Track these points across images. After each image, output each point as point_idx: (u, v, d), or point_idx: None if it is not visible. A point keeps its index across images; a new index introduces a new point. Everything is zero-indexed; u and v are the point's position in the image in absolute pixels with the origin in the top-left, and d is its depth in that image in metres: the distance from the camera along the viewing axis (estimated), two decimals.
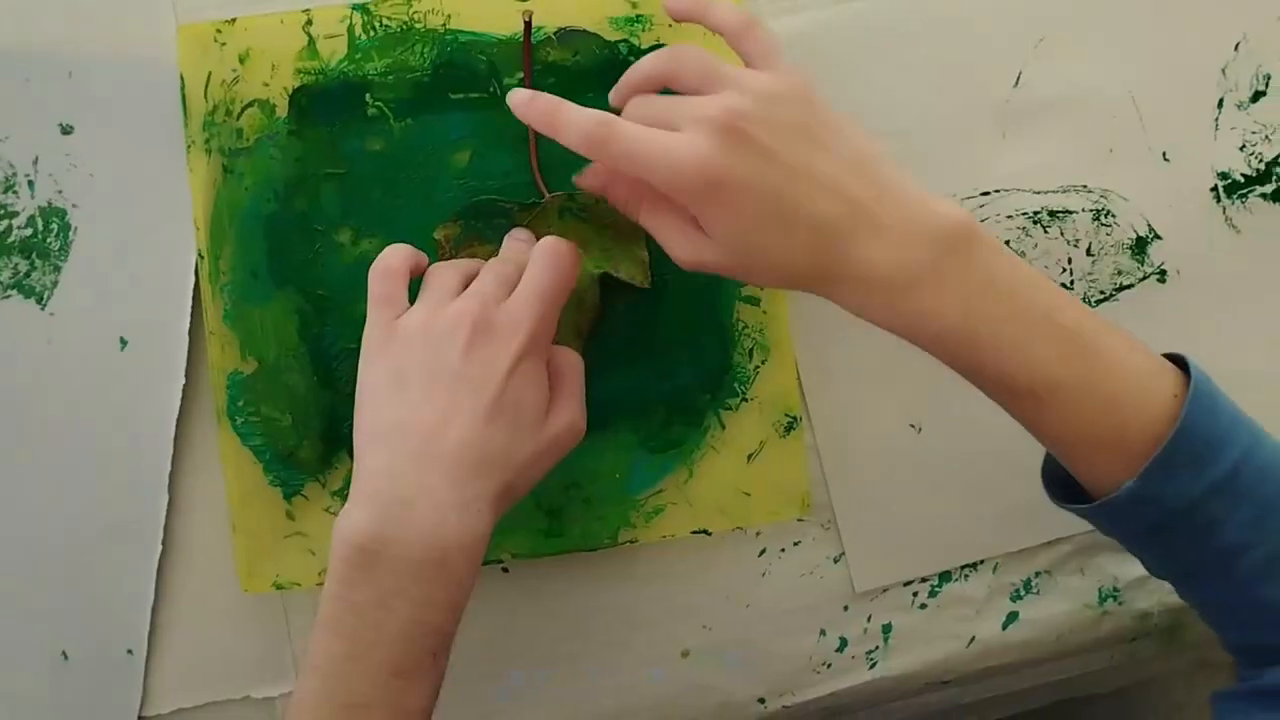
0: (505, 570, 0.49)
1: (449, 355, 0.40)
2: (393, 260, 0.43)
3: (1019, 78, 0.51)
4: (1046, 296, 0.38)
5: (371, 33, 0.48)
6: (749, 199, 0.38)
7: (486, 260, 0.46)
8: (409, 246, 0.44)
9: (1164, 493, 0.37)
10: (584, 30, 0.49)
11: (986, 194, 0.51)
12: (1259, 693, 0.38)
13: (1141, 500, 0.37)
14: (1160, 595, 0.50)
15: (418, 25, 0.48)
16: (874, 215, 0.39)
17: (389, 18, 0.48)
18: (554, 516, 0.48)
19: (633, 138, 0.39)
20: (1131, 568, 0.50)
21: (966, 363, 0.39)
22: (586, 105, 0.48)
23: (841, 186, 0.39)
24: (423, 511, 0.38)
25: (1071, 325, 0.38)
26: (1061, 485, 0.42)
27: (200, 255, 0.47)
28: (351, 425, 0.48)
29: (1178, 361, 0.39)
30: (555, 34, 0.49)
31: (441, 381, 0.40)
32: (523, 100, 0.41)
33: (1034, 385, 0.38)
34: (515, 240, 0.46)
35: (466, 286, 0.43)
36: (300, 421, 0.48)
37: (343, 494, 0.47)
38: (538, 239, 0.44)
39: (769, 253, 0.39)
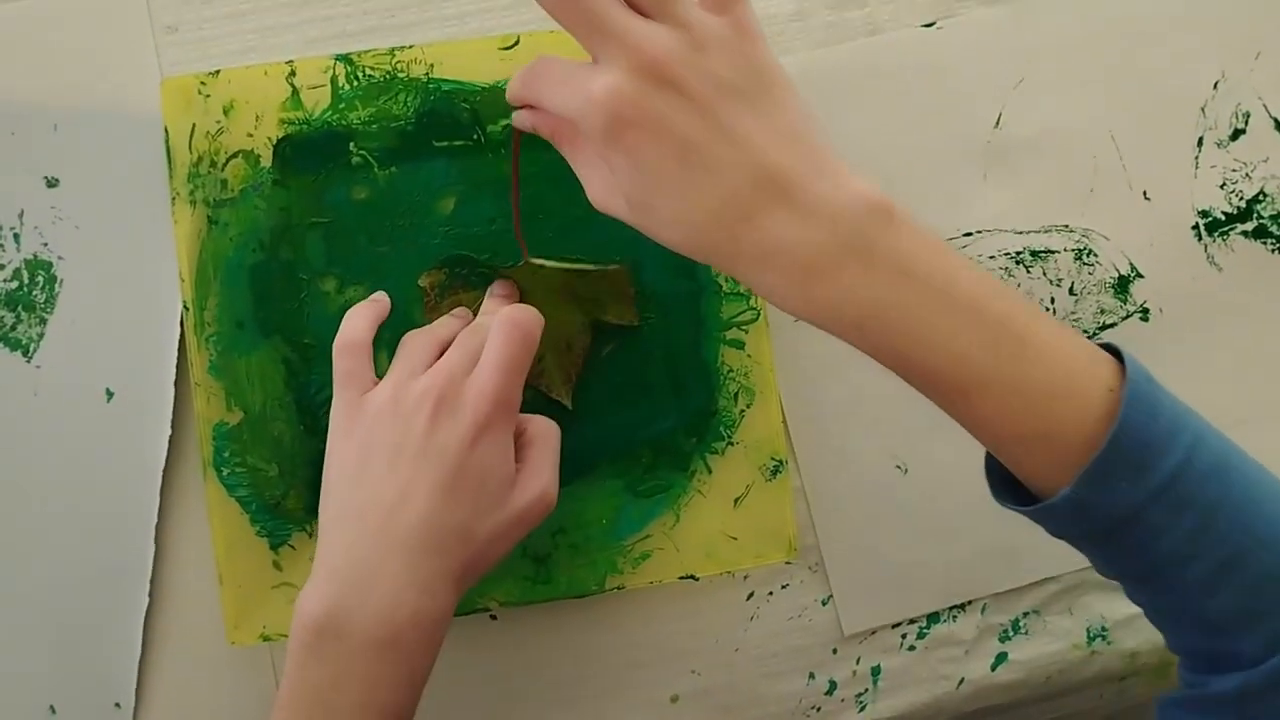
0: (493, 618, 0.49)
1: (413, 431, 0.41)
2: (353, 333, 0.44)
3: (999, 118, 0.52)
4: (972, 284, 0.36)
5: (355, 83, 0.49)
6: (655, 144, 0.36)
7: (470, 308, 0.47)
8: (368, 304, 0.46)
9: (1102, 500, 0.35)
10: None
11: (969, 235, 0.51)
12: (1203, 699, 0.37)
13: (1079, 507, 0.36)
14: (1148, 634, 0.51)
15: (400, 75, 0.49)
16: (792, 189, 0.36)
17: (372, 68, 0.49)
18: (541, 563, 0.48)
19: (551, 69, 0.39)
20: (1119, 606, 0.51)
21: (890, 355, 0.37)
22: None
23: (762, 154, 0.36)
24: (379, 592, 0.39)
25: (999, 314, 0.36)
26: (1006, 484, 0.39)
27: (185, 306, 0.47)
28: None
29: (1114, 351, 0.38)
30: None
31: (404, 457, 0.40)
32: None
33: (960, 379, 0.36)
34: (493, 299, 0.47)
35: (439, 356, 0.43)
36: (287, 471, 0.48)
37: None
38: (520, 290, 0.44)
39: (668, 207, 0.37)
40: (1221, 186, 0.52)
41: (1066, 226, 0.52)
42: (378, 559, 0.39)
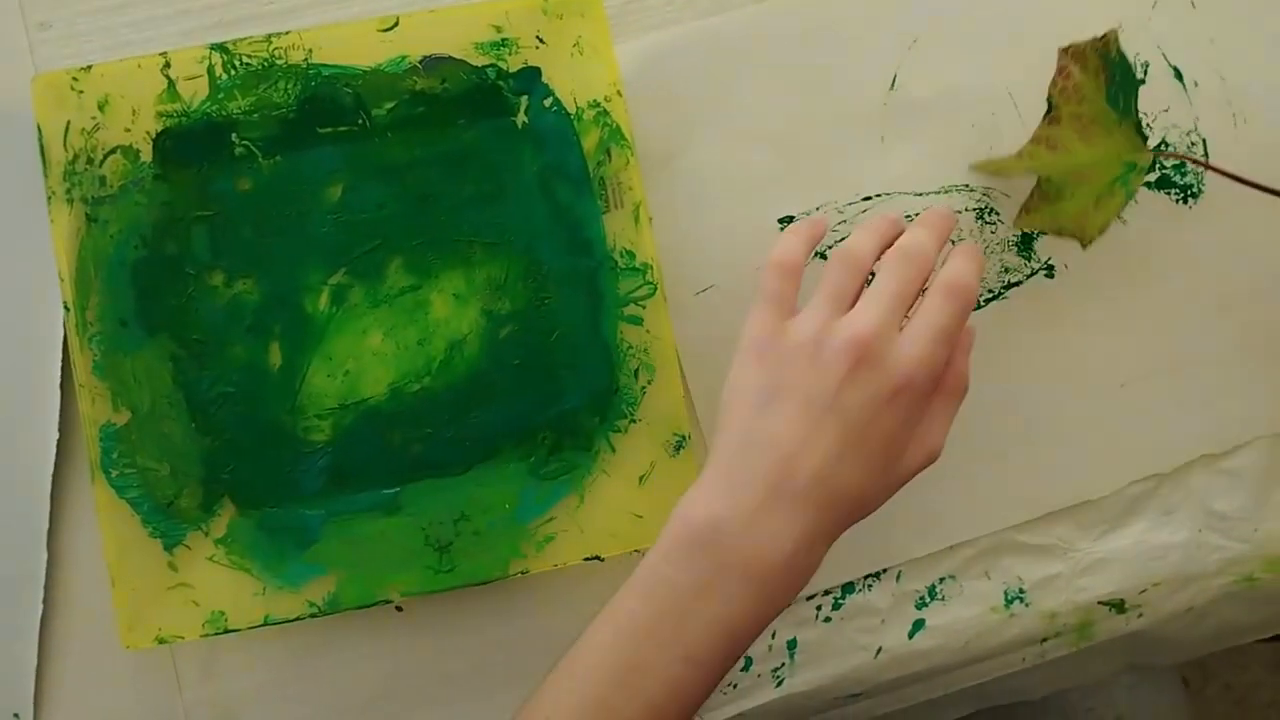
0: (399, 609, 0.49)
1: (828, 381, 0.41)
2: (789, 254, 0.44)
3: (895, 80, 0.52)
4: None
5: (232, 72, 0.48)
6: None
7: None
8: (807, 224, 0.45)
9: None
10: (450, 57, 0.50)
11: (868, 199, 0.51)
12: None
13: None
14: (1068, 594, 0.51)
15: (279, 61, 0.48)
16: None
17: (249, 56, 0.48)
18: (444, 552, 0.48)
19: None
20: (1037, 567, 0.52)
21: None
22: (458, 130, 0.50)
23: None
24: (761, 529, 0.40)
25: None
26: None
27: (66, 307, 0.47)
28: (233, 471, 0.49)
29: None
30: (420, 62, 0.49)
31: (814, 407, 0.41)
32: None
33: None
34: (927, 222, 0.45)
35: (862, 285, 0.43)
36: (179, 470, 0.48)
37: (226, 541, 0.48)
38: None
39: None
40: None
41: (967, 186, 0.52)
42: (769, 499, 0.40)
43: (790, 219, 0.51)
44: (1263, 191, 0.49)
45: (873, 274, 0.43)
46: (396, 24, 0.49)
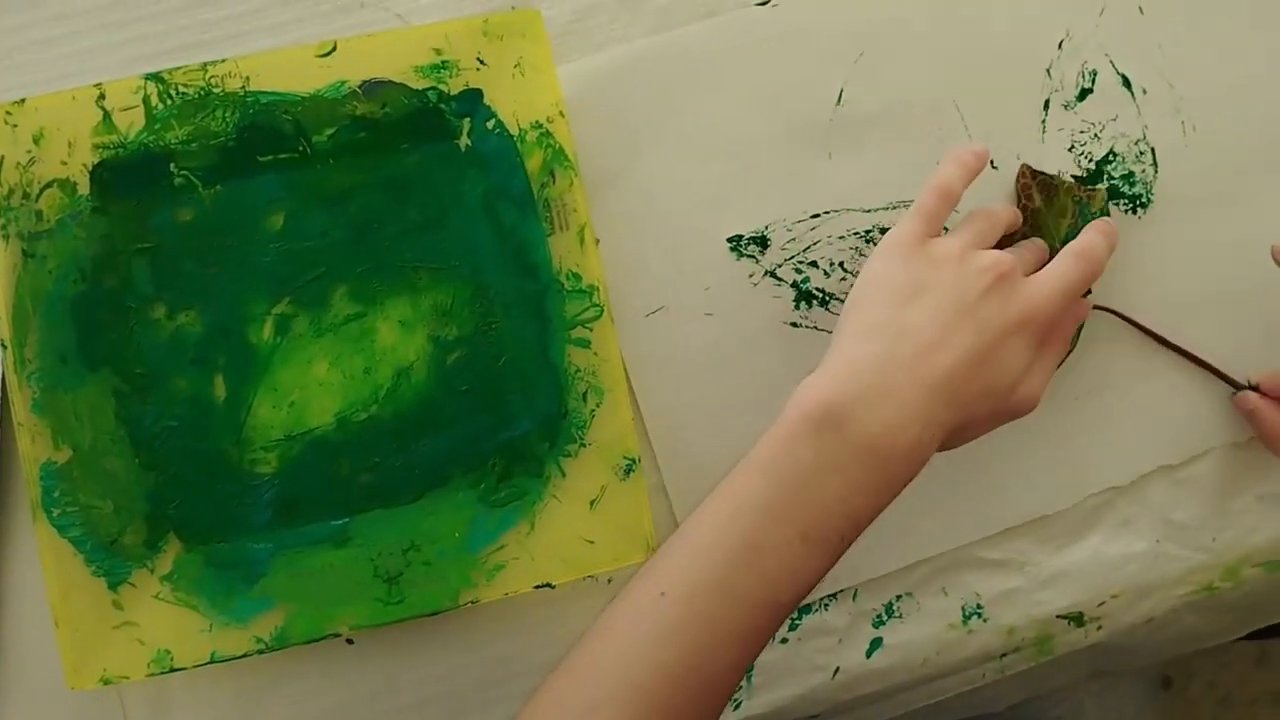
0: (350, 642, 0.49)
1: (970, 291, 0.44)
2: (950, 181, 0.47)
3: (841, 95, 0.51)
4: None
5: (169, 101, 0.48)
6: None
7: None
8: (970, 156, 0.48)
9: None
10: (390, 81, 0.49)
11: (816, 216, 0.51)
12: None
13: None
14: (1026, 609, 0.51)
15: (216, 90, 0.48)
16: None
17: (185, 85, 0.48)
18: (393, 583, 0.48)
19: None
20: (994, 582, 0.51)
21: None
22: (401, 155, 0.50)
23: None
24: (893, 408, 0.42)
25: None
26: None
27: (3, 345, 0.47)
28: (178, 506, 0.48)
29: None
30: (360, 87, 0.49)
31: (955, 310, 0.43)
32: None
33: None
34: (1032, 250, 0.50)
35: (995, 231, 0.48)
36: (123, 507, 0.48)
37: (173, 578, 0.48)
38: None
39: None
40: (1070, 149, 0.53)
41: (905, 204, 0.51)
42: (903, 382, 0.42)
43: (739, 238, 0.51)
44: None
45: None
46: (334, 49, 0.49)
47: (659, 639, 0.39)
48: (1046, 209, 0.51)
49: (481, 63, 0.50)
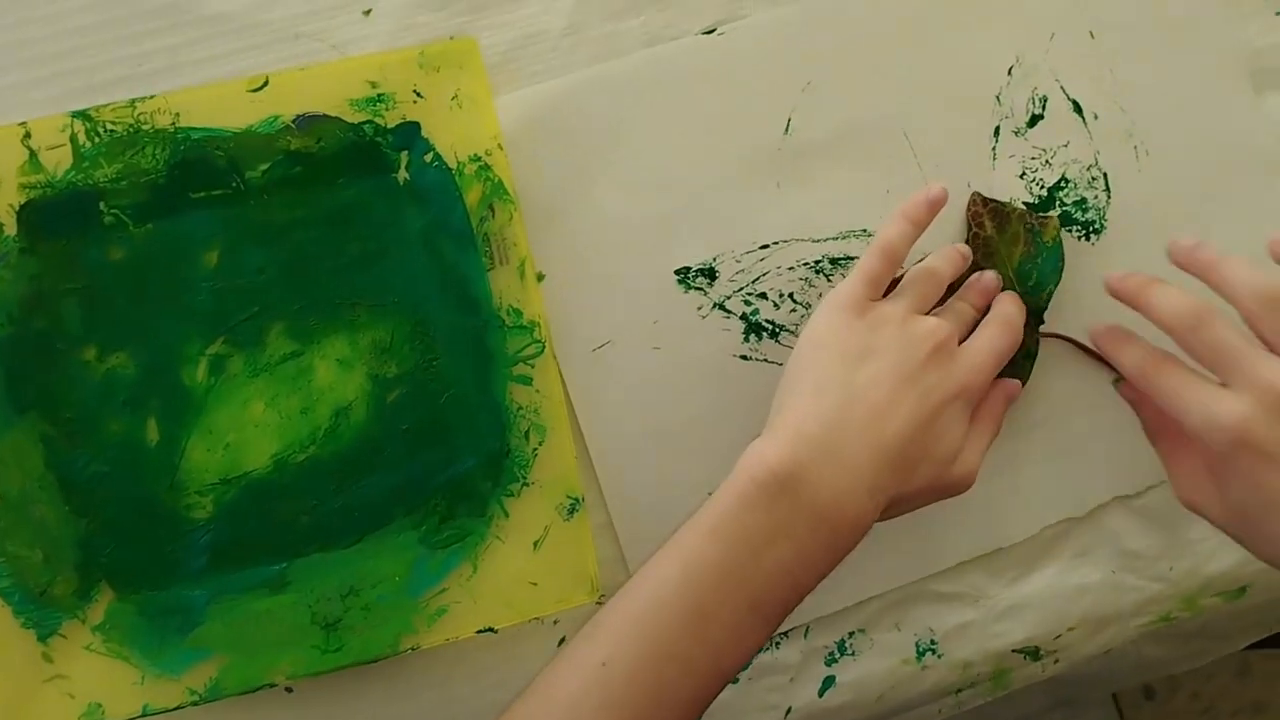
0: (289, 690, 0.48)
1: (913, 357, 0.44)
2: (896, 241, 0.47)
3: (789, 124, 0.51)
4: None
5: (96, 139, 0.47)
6: (1274, 477, 0.41)
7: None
8: (911, 223, 0.47)
9: None
10: (324, 115, 0.49)
11: (765, 247, 0.51)
12: None
13: None
14: (981, 643, 0.51)
15: (145, 127, 0.47)
16: None
17: (113, 122, 0.47)
18: (331, 630, 0.47)
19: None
20: (948, 617, 0.51)
21: None
22: (337, 189, 0.49)
23: None
24: (843, 474, 0.42)
25: None
26: None
27: None
28: (110, 554, 0.48)
29: None
30: (294, 121, 0.48)
31: (900, 375, 0.44)
32: (1115, 278, 0.47)
33: None
34: (984, 284, 0.50)
35: (935, 294, 0.48)
36: (53, 555, 0.47)
37: (105, 628, 0.47)
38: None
39: (1273, 536, 0.42)
40: (1021, 176, 0.52)
41: (865, 231, 0.51)
42: (856, 448, 0.42)
43: (687, 270, 0.50)
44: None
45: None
46: (266, 83, 0.48)
47: (601, 709, 0.39)
48: (999, 237, 0.51)
49: (418, 95, 0.49)
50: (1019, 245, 0.51)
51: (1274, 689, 1.26)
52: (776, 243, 0.51)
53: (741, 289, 0.51)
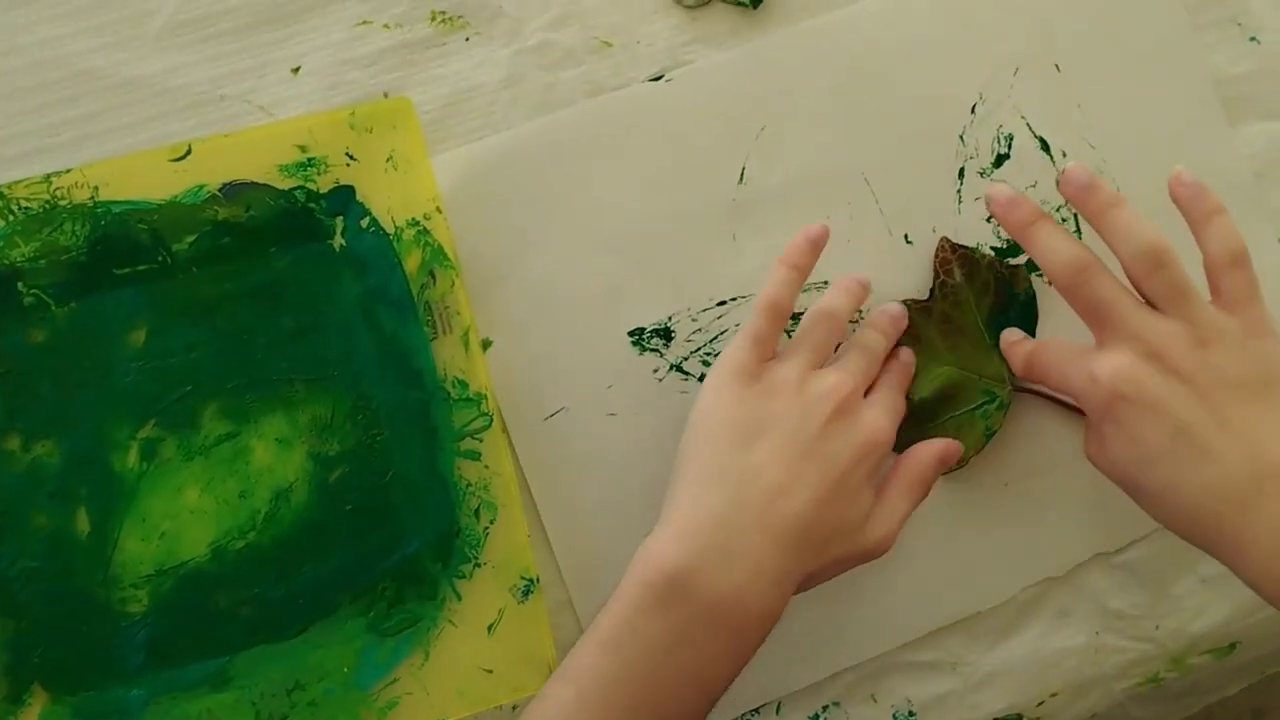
0: None
1: (810, 424, 0.42)
2: (779, 298, 0.45)
3: (743, 173, 0.49)
4: None
5: (10, 217, 0.45)
6: (1148, 422, 0.40)
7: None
8: (794, 271, 0.45)
9: None
10: (252, 182, 0.46)
11: (723, 303, 0.49)
12: None
13: None
14: (961, 713, 0.49)
15: (62, 202, 0.45)
16: None
17: (27, 199, 0.45)
18: None
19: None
20: (926, 686, 0.49)
21: None
22: (270, 259, 0.48)
23: (1262, 447, 0.39)
24: (742, 569, 0.40)
25: None
26: None
27: None
28: (42, 654, 0.46)
29: None
30: (220, 190, 0.46)
31: (796, 447, 0.42)
32: (1003, 199, 0.44)
33: None
34: (879, 326, 0.48)
35: (833, 342, 0.46)
36: None
37: None
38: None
39: (1156, 482, 0.41)
40: (989, 220, 0.50)
41: (826, 283, 0.49)
42: (751, 537, 0.40)
43: (641, 331, 0.48)
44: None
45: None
46: (189, 152, 0.46)
47: None
48: (968, 285, 0.49)
49: (351, 158, 0.47)
50: (989, 295, 0.49)
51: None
52: (734, 299, 0.49)
53: (699, 349, 0.49)
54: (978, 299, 0.49)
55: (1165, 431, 0.40)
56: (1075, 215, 0.50)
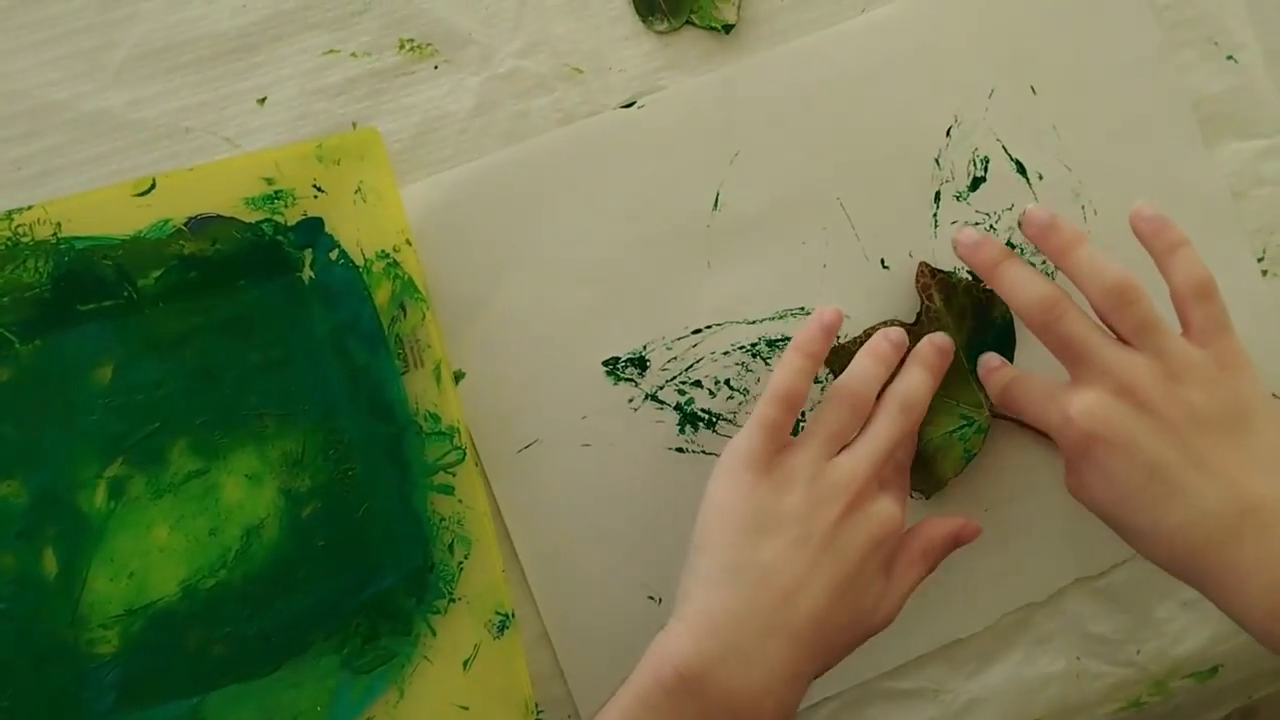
0: None
1: (824, 518, 0.42)
2: (793, 386, 0.43)
3: (718, 199, 0.48)
4: None
5: None
6: (1124, 461, 0.40)
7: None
8: (808, 357, 0.44)
9: None
10: (218, 216, 0.46)
11: (698, 331, 0.49)
12: None
13: None
14: None
15: (24, 239, 0.45)
16: (1270, 519, 0.39)
17: None
18: None
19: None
20: (907, 714, 0.49)
21: None
22: (238, 293, 0.47)
23: (1236, 483, 0.39)
24: (756, 672, 0.39)
25: None
26: None
27: None
28: (10, 699, 0.48)
29: None
30: (186, 224, 0.46)
31: (811, 543, 0.41)
32: (969, 241, 0.45)
33: None
34: (923, 373, 0.46)
35: (854, 426, 0.44)
36: None
37: None
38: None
39: (1136, 521, 0.41)
40: None
41: (802, 309, 0.49)
42: (766, 640, 0.40)
43: (615, 361, 0.48)
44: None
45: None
46: (154, 186, 0.46)
47: None
48: (947, 310, 0.48)
49: (319, 190, 0.46)
50: (967, 319, 0.48)
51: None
52: (709, 326, 0.49)
53: (674, 378, 0.49)
54: (957, 324, 0.49)
55: (1140, 470, 0.40)
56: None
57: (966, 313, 0.49)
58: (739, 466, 0.42)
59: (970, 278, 0.49)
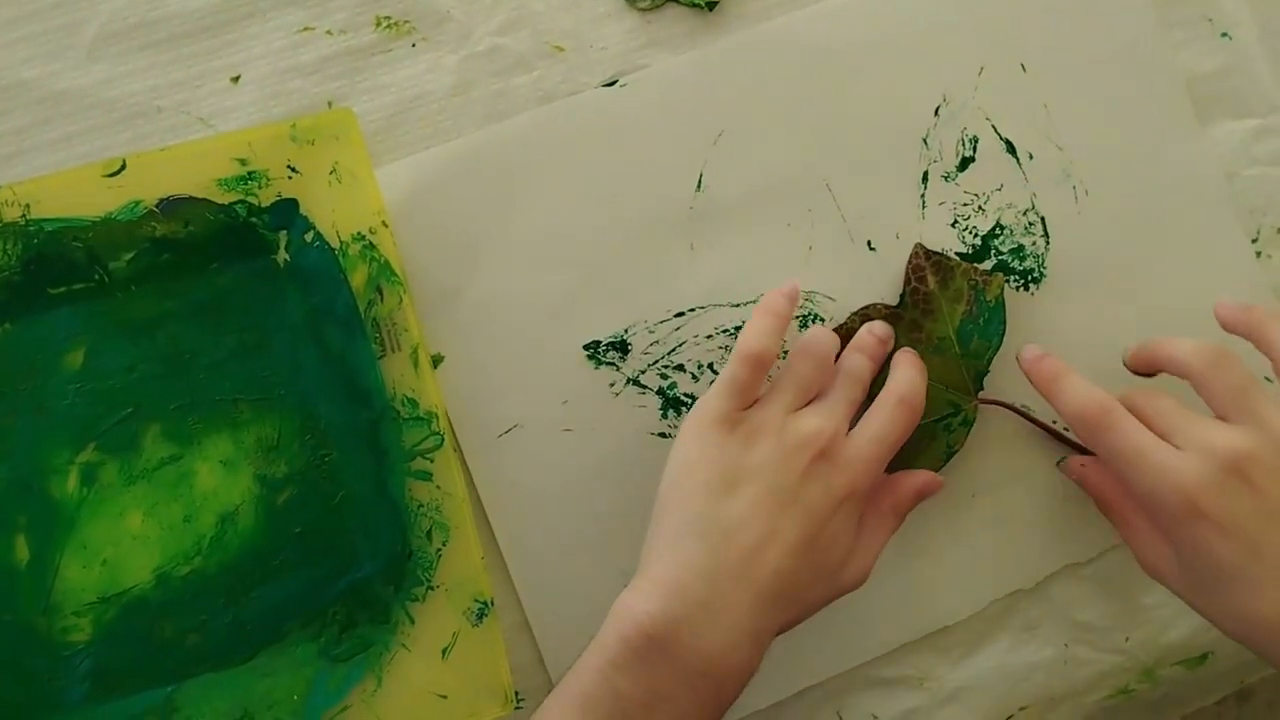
0: None
1: (790, 472, 0.42)
2: (759, 346, 0.44)
3: (701, 180, 0.48)
4: None
5: None
6: (1224, 541, 0.40)
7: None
8: (774, 317, 0.44)
9: None
10: (190, 197, 0.45)
11: (680, 315, 0.49)
12: None
13: None
14: None
15: None
16: None
17: None
18: None
19: (1130, 440, 0.42)
20: (893, 702, 0.50)
21: None
22: (211, 276, 0.46)
23: None
24: (723, 626, 0.39)
25: None
26: None
27: None
28: None
29: None
30: (158, 205, 0.46)
31: (775, 498, 0.41)
32: (1032, 358, 0.46)
33: None
34: (865, 349, 0.47)
35: (819, 380, 0.45)
36: None
37: None
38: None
39: (1230, 602, 0.41)
40: (953, 225, 0.50)
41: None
42: (731, 595, 0.40)
43: (597, 345, 0.48)
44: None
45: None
46: (124, 167, 0.45)
47: None
48: (941, 292, 0.48)
49: (293, 170, 0.46)
50: (961, 303, 0.48)
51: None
52: (692, 310, 0.49)
53: (657, 361, 0.48)
54: (950, 308, 0.48)
55: (1240, 550, 0.40)
56: (1044, 220, 0.50)
57: (962, 295, 0.48)
58: (707, 424, 0.42)
59: (962, 259, 0.49)
